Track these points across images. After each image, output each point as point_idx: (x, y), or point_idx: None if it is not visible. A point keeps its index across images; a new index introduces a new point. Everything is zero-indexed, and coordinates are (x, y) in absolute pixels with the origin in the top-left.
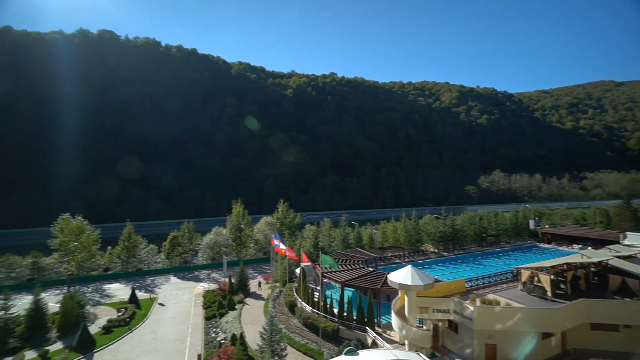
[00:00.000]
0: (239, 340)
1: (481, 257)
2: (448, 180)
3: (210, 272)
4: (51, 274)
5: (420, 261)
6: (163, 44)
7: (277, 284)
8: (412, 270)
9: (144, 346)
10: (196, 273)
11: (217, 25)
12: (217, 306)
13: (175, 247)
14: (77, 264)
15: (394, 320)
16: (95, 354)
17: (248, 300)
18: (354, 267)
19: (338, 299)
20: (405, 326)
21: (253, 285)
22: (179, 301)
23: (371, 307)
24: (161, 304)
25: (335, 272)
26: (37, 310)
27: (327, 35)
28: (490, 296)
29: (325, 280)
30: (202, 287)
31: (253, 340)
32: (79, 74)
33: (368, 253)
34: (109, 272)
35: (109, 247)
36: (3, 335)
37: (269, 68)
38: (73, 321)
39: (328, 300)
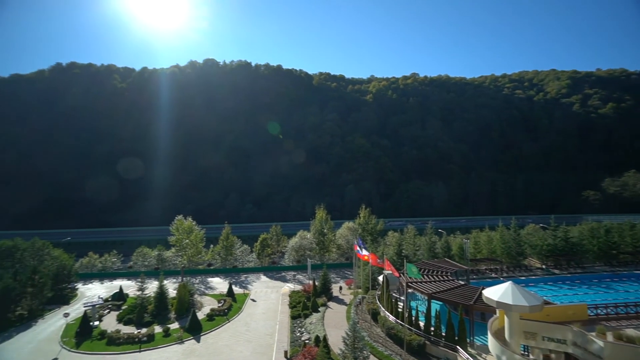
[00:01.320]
0: (322, 342)
1: (610, 280)
2: (557, 185)
3: (295, 273)
4: (170, 265)
5: (523, 278)
6: (253, 64)
7: (360, 290)
8: (514, 287)
9: (239, 336)
10: (283, 273)
11: (301, 41)
12: (301, 307)
13: (264, 248)
14: (188, 258)
15: (492, 343)
16: (202, 337)
17: (331, 303)
18: (442, 278)
19: (424, 311)
20: (506, 352)
21: (335, 290)
22: (268, 298)
23: (463, 324)
24: (253, 300)
25: (421, 282)
26: (162, 294)
27: (407, 36)
28: (631, 332)
29: (409, 290)
30: (288, 287)
31: (335, 344)
32: (189, 98)
33: (458, 265)
34: (211, 267)
35: (212, 246)
36: (141, 310)
37: (348, 75)
38: (185, 306)
39: (413, 312)
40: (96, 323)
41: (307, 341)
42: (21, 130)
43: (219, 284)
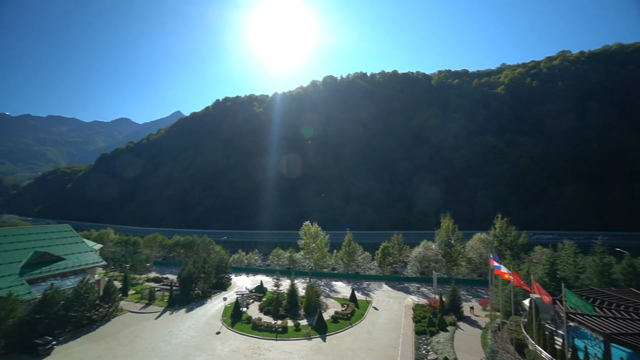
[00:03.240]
0: None
1: None
2: None
3: (419, 285)
4: (299, 266)
5: None
6: (368, 74)
7: (498, 314)
8: None
9: (362, 343)
10: (405, 284)
11: (416, 44)
12: (427, 322)
13: (386, 256)
14: (314, 261)
15: None
16: (327, 337)
17: (461, 324)
18: (626, 315)
19: (596, 355)
20: None
21: (466, 309)
22: (390, 308)
23: None
24: (375, 308)
25: (593, 317)
26: (293, 292)
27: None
28: None
29: (571, 323)
30: (412, 299)
31: None
32: (311, 113)
33: None
34: (335, 272)
35: (335, 251)
36: (277, 304)
37: (472, 69)
38: (313, 306)
39: (581, 354)
40: (244, 309)
41: None
42: (194, 153)
43: (342, 289)
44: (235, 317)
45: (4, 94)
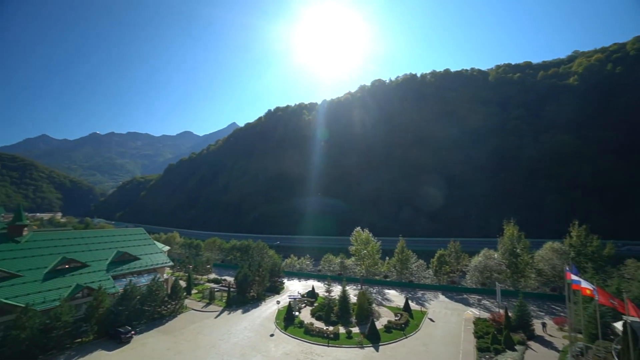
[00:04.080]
0: None
1: None
2: None
3: (480, 297)
4: (350, 273)
5: None
6: (419, 74)
7: (580, 336)
8: None
9: (417, 356)
10: (464, 296)
11: (470, 39)
12: (490, 339)
13: (442, 265)
14: (366, 268)
15: None
16: (380, 347)
17: (532, 343)
18: None
19: None
20: None
21: (537, 327)
22: (448, 321)
23: None
24: (431, 319)
25: None
26: (345, 298)
27: None
28: None
29: None
30: (472, 312)
31: None
32: (361, 118)
33: None
34: (388, 280)
35: (387, 258)
36: (328, 310)
37: (536, 60)
38: (365, 313)
39: None
40: (296, 313)
41: None
42: (248, 162)
43: (395, 297)
44: (288, 320)
45: (95, 115)
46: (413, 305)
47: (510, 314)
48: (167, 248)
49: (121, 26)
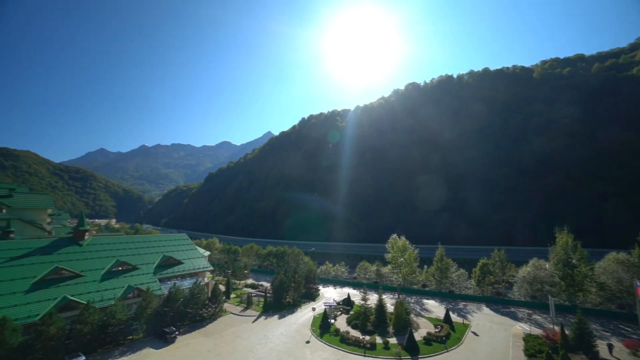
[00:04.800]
0: None
1: None
2: None
3: (530, 311)
4: (387, 281)
5: None
6: (455, 76)
7: None
8: None
9: None
10: (512, 309)
11: (513, 34)
12: (545, 358)
13: (485, 275)
14: (403, 276)
15: None
16: None
17: None
18: None
19: None
20: None
21: (602, 348)
22: (493, 336)
23: None
24: (474, 333)
25: None
26: (381, 307)
27: None
28: None
29: None
30: (521, 327)
31: None
32: (394, 123)
33: None
34: (426, 289)
35: (425, 266)
36: (365, 319)
37: (590, 52)
38: (402, 323)
39: None
40: (332, 321)
41: None
42: (283, 169)
43: (435, 308)
44: (323, 327)
45: (144, 129)
46: (454, 317)
47: (567, 332)
48: (207, 253)
49: (163, 50)
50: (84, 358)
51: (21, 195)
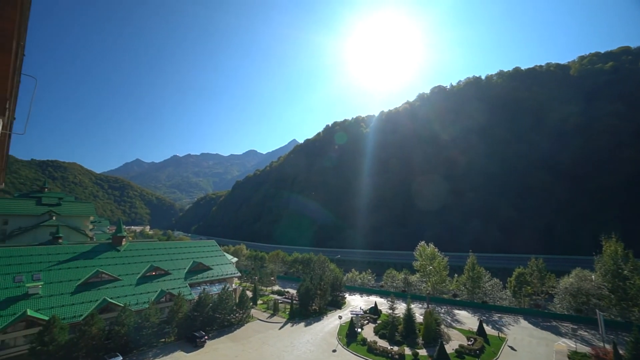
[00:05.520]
0: None
1: None
2: None
3: (575, 327)
4: (415, 290)
5: None
6: (483, 77)
7: None
8: None
9: None
10: (554, 323)
11: (546, 30)
12: None
13: (522, 285)
14: (432, 285)
15: None
16: None
17: None
18: None
19: None
20: None
21: None
22: (533, 352)
23: None
24: (512, 348)
25: None
26: (410, 317)
27: None
28: None
29: None
30: (565, 344)
31: None
32: (419, 128)
33: None
34: (457, 299)
35: (455, 275)
36: (392, 329)
37: (636, 44)
38: (432, 335)
39: None
40: (359, 329)
41: None
42: (308, 176)
43: (467, 319)
44: (350, 337)
45: (175, 140)
46: (488, 329)
47: (621, 352)
48: (235, 259)
49: (192, 65)
50: (121, 358)
51: (68, 204)
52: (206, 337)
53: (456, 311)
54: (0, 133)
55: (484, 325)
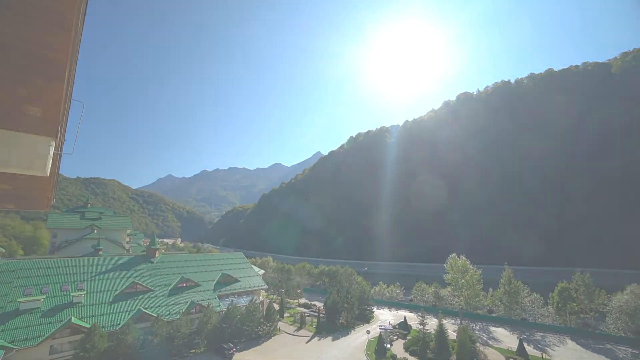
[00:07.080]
0: None
1: None
2: None
3: (635, 352)
4: (447, 304)
5: None
6: (513, 80)
7: None
8: None
9: None
10: (608, 346)
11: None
12: None
13: (567, 302)
14: (465, 300)
15: None
16: None
17: None
18: None
19: None
20: None
21: None
22: None
23: None
24: None
25: None
26: (442, 333)
27: None
28: None
29: None
30: None
31: None
32: (446, 135)
33: None
34: (493, 315)
35: (490, 289)
36: (424, 345)
37: None
38: (467, 353)
39: None
40: (388, 345)
41: None
42: (333, 188)
43: (504, 337)
44: (379, 353)
45: (205, 155)
46: (530, 348)
47: None
48: (262, 272)
49: (220, 83)
50: None
51: (107, 218)
52: (234, 349)
53: (492, 328)
54: (53, 153)
55: (525, 344)
